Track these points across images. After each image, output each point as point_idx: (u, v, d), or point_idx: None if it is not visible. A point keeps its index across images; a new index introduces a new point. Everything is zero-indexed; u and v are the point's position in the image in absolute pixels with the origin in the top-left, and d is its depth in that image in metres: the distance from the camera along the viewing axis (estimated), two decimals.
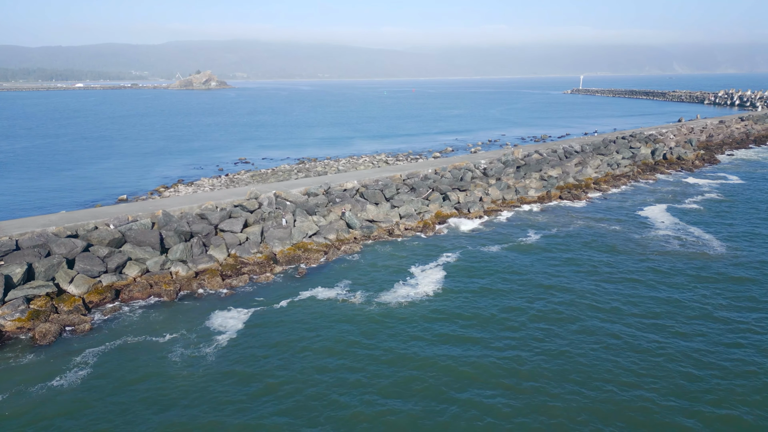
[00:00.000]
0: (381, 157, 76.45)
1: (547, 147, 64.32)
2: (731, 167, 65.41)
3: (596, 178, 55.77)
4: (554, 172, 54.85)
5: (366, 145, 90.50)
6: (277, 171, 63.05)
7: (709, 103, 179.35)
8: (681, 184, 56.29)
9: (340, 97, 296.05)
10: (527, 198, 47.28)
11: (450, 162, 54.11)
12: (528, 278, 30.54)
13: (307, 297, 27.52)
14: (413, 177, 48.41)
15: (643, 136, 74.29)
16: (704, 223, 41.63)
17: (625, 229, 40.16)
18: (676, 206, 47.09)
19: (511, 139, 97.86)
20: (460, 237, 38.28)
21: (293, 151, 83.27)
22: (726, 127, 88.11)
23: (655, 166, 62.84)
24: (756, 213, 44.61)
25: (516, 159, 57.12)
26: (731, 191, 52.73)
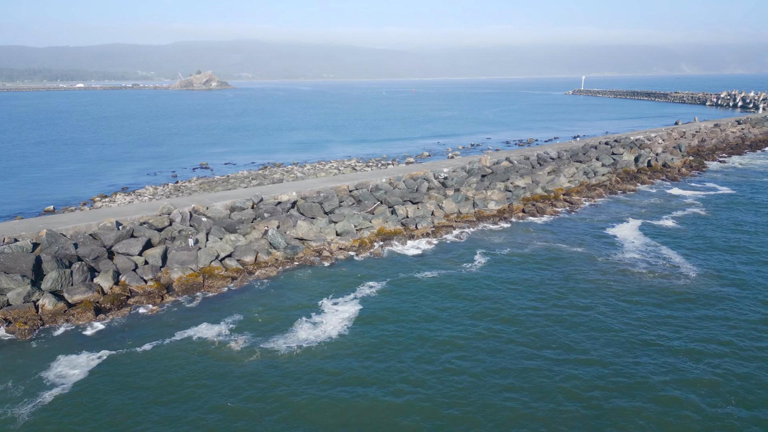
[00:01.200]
0: (351, 162, 72.29)
1: (520, 153, 59.94)
2: (721, 176, 60.73)
3: (568, 188, 51.30)
4: (522, 182, 50.46)
5: (341, 149, 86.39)
6: (231, 178, 58.96)
7: (711, 104, 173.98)
8: (662, 196, 51.72)
9: (337, 98, 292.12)
10: (485, 212, 42.91)
11: (408, 171, 49.82)
12: (453, 317, 26.21)
13: (182, 339, 23.33)
14: (362, 187, 44.17)
15: (628, 141, 69.70)
16: (679, 245, 37.06)
17: (587, 251, 35.72)
18: (652, 223, 42.55)
19: (496, 142, 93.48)
20: (395, 260, 33.98)
21: (263, 156, 79.21)
22: (721, 131, 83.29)
23: (636, 175, 58.28)
24: (740, 233, 39.93)
25: (482, 167, 52.77)
26: (717, 205, 48.10)
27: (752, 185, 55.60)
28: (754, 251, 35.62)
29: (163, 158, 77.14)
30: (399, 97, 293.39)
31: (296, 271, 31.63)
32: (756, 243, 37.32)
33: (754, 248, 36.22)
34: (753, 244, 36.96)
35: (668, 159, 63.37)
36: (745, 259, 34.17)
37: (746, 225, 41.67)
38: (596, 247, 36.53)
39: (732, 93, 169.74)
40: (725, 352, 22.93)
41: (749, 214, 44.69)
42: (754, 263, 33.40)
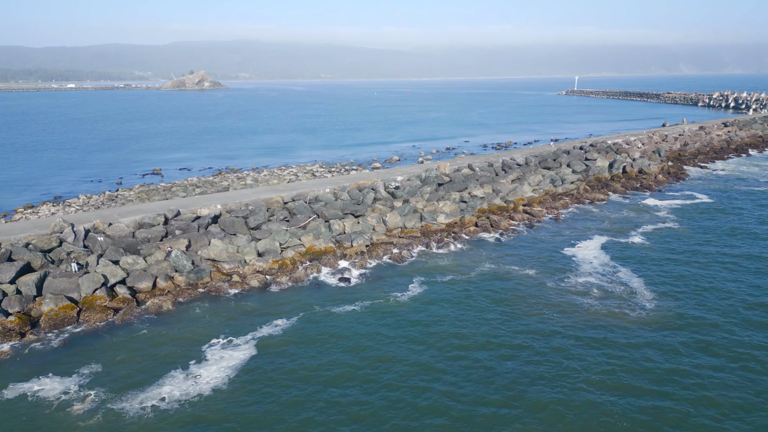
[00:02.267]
0: (314, 167, 68.51)
1: (484, 160, 56.16)
2: (700, 183, 56.96)
3: (530, 198, 47.53)
4: (481, 192, 46.70)
5: (309, 153, 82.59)
6: (175, 186, 55.13)
7: (703, 105, 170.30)
8: (634, 206, 47.94)
9: (327, 98, 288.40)
10: (433, 226, 39.13)
11: (356, 179, 46.03)
12: (364, 376, 22.47)
13: (14, 397, 19.50)
14: (300, 199, 40.41)
15: (605, 145, 65.95)
16: (642, 268, 33.25)
17: (538, 276, 31.95)
18: (617, 239, 38.75)
19: (473, 146, 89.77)
20: (316, 287, 30.17)
21: (226, 160, 75.44)
22: (705, 134, 79.53)
23: (609, 182, 54.54)
24: (711, 255, 36.13)
25: (440, 175, 49.00)
26: (691, 218, 44.28)
27: (731, 194, 51.81)
28: (723, 279, 31.86)
29: (118, 164, 73.33)
30: (390, 98, 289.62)
31: (195, 302, 27.86)
32: (727, 267, 33.56)
33: (723, 275, 32.46)
34: (723, 269, 33.20)
35: (645, 165, 59.62)
36: (707, 285, 30.38)
37: (719, 243, 37.89)
38: (549, 270, 32.72)
39: (724, 94, 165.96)
40: (646, 406, 19.20)
41: (724, 230, 40.91)
42: (718, 294, 29.63)
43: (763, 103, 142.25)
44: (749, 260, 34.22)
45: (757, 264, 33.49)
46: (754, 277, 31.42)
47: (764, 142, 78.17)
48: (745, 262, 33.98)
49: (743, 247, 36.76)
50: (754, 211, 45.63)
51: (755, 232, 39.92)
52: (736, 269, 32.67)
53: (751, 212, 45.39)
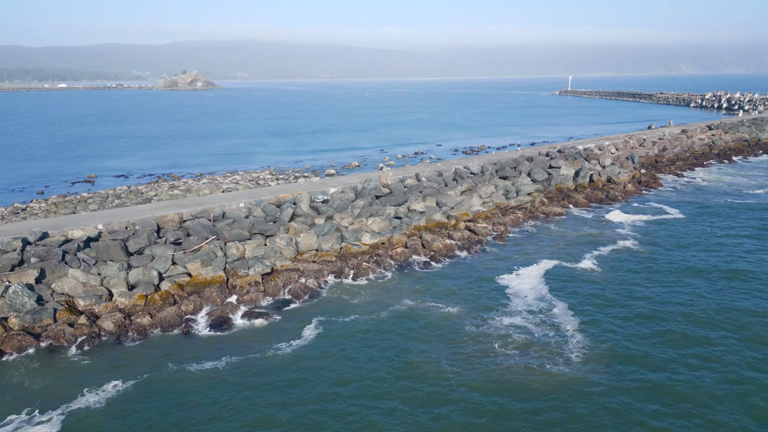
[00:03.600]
0: (264, 173, 63.66)
1: (435, 168, 51.17)
2: (674, 194, 51.92)
3: (477, 213, 42.54)
4: (421, 205, 41.74)
5: (267, 158, 77.70)
6: (96, 197, 50.07)
7: (695, 105, 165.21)
8: (595, 222, 42.96)
9: (315, 99, 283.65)
10: (353, 248, 34.16)
11: (280, 191, 41.02)
12: None
13: None
14: (203, 216, 35.46)
15: (573, 151, 60.96)
16: (585, 303, 28.26)
17: (459, 315, 26.96)
18: (565, 265, 33.71)
19: (444, 150, 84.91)
20: (183, 334, 25.10)
21: (170, 167, 70.51)
22: (687, 138, 74.51)
23: (571, 193, 49.53)
24: (671, 285, 31.11)
25: (378, 186, 44.04)
26: (656, 238, 39.22)
27: (706, 209, 46.75)
28: (675, 319, 26.87)
29: (54, 170, 68.42)
30: (380, 98, 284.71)
31: (22, 352, 22.95)
32: (685, 305, 28.57)
33: (675, 315, 27.47)
34: (678, 306, 28.21)
35: (614, 173, 54.63)
36: (659, 329, 25.37)
37: (682, 271, 32.86)
38: (473, 307, 27.71)
39: (717, 94, 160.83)
40: None
41: (691, 253, 35.91)
42: (666, 340, 24.67)
43: (756, 103, 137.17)
44: (713, 295, 29.28)
45: (720, 300, 28.53)
46: (713, 326, 26.44)
47: (750, 147, 73.14)
48: (707, 298, 29.02)
49: (710, 278, 31.75)
50: (730, 230, 40.63)
51: (727, 258, 34.92)
52: (694, 308, 27.70)
53: (726, 231, 40.39)
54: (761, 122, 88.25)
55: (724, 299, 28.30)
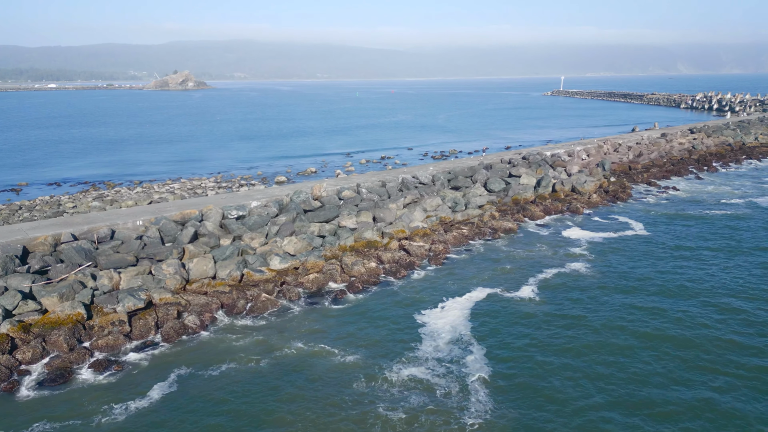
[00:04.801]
0: (206, 182, 59.17)
1: (380, 178, 46.65)
2: (642, 206, 47.41)
3: (415, 230, 38.07)
4: (352, 221, 37.28)
5: (221, 164, 73.20)
6: (5, 209, 45.60)
7: (685, 107, 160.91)
8: (548, 241, 38.46)
9: (303, 99, 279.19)
10: (256, 276, 29.66)
11: (190, 206, 36.51)
12: None
13: None
14: (86, 236, 30.95)
15: (539, 157, 56.50)
16: (508, 347, 23.81)
17: (360, 364, 22.55)
18: (500, 295, 29.16)
19: (413, 155, 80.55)
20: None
21: (118, 174, 65.99)
22: (666, 143, 70.08)
23: (527, 206, 45.04)
24: (616, 324, 26.69)
25: (308, 199, 39.53)
26: (613, 258, 34.78)
27: (674, 224, 42.19)
28: (613, 375, 22.41)
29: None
30: (370, 98, 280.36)
31: None
32: (628, 353, 24.09)
33: (613, 366, 23.01)
34: (619, 356, 23.73)
35: (580, 182, 50.19)
36: (588, 388, 20.88)
37: (632, 305, 28.40)
38: (376, 353, 23.21)
39: (708, 95, 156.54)
40: None
41: (649, 279, 31.42)
42: (609, 407, 20.20)
43: (747, 105, 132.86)
44: (659, 335, 24.81)
45: (668, 342, 24.06)
46: (657, 384, 21.96)
47: (733, 152, 68.72)
48: (653, 340, 24.54)
49: (661, 311, 27.29)
50: (697, 250, 36.10)
51: (686, 286, 30.45)
52: (634, 356, 23.23)
53: (693, 252, 35.86)
54: (747, 125, 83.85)
55: (674, 340, 23.86)
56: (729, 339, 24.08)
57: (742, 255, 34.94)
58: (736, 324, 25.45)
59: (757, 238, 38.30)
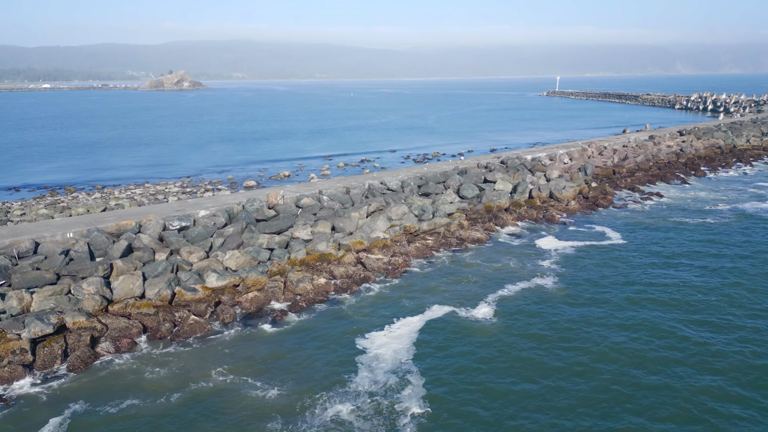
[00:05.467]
0: (172, 187, 56.69)
1: (345, 184, 44.13)
2: (622, 214, 44.87)
3: (376, 240, 35.58)
4: (306, 232, 34.79)
5: (192, 167, 70.76)
6: None
7: (680, 107, 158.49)
8: (518, 252, 35.94)
9: (297, 99, 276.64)
10: (188, 295, 27.10)
11: (129, 216, 33.96)
12: None
13: None
14: (7, 251, 28.42)
15: (517, 162, 54.00)
16: (453, 379, 21.36)
17: (277, 400, 20.06)
18: (457, 314, 26.71)
19: (395, 158, 78.13)
20: None
21: (84, 178, 63.49)
22: (654, 145, 67.57)
23: (500, 214, 42.55)
24: (576, 344, 24.28)
25: (262, 208, 37.03)
26: (583, 271, 32.30)
27: (655, 233, 39.68)
28: (572, 414, 19.90)
29: None
30: (365, 99, 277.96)
31: None
32: (586, 385, 21.59)
33: (573, 411, 20.49)
34: (582, 384, 21.23)
35: (559, 188, 47.70)
36: (540, 420, 18.42)
37: (597, 328, 25.91)
38: (304, 387, 20.67)
39: (703, 95, 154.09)
40: None
41: (617, 298, 28.87)
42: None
43: (742, 105, 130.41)
44: (625, 363, 22.33)
45: (637, 370, 21.55)
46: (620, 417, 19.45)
47: (723, 156, 66.20)
48: (617, 368, 22.06)
49: (630, 332, 24.81)
50: (673, 262, 33.59)
51: (657, 304, 27.94)
52: (595, 383, 20.75)
53: (669, 264, 33.35)
54: (740, 126, 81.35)
55: (637, 358, 21.36)
56: (699, 360, 21.62)
57: (722, 266, 32.53)
58: (708, 342, 23.00)
59: (738, 248, 35.86)
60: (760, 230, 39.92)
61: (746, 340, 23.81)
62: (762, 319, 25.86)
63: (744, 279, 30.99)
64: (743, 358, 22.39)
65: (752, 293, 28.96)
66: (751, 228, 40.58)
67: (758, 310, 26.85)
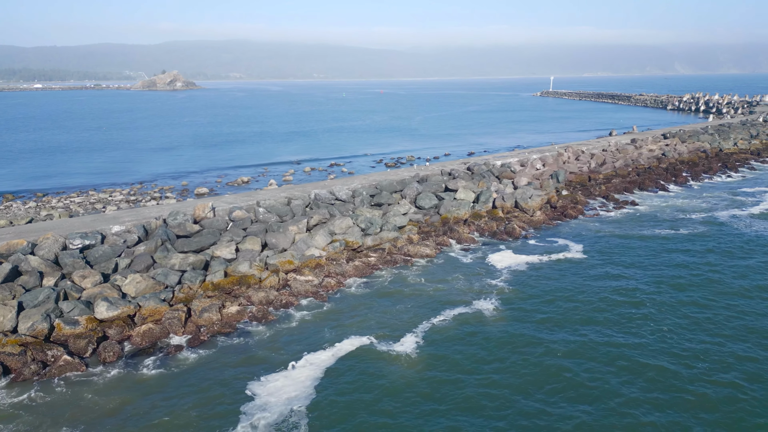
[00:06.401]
0: (119, 195, 53.15)
1: (293, 192, 40.54)
2: (590, 225, 41.31)
3: (309, 259, 32.04)
4: (229, 250, 31.24)
5: (155, 171, 67.28)
6: None
7: (672, 108, 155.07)
8: (467, 270, 32.42)
9: (287, 100, 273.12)
10: (66, 329, 23.52)
11: (24, 234, 30.40)
12: None
13: None
14: None
15: (484, 168, 50.48)
16: (357, 426, 18.03)
17: None
18: (375, 347, 23.45)
19: (367, 162, 74.78)
20: None
21: (28, 185, 59.99)
22: (635, 149, 64.07)
23: (455, 226, 39.02)
24: (507, 377, 20.83)
25: (183, 223, 33.49)
26: (531, 293, 28.86)
27: (619, 246, 36.06)
28: None
29: None
30: (356, 99, 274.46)
31: None
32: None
33: None
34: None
35: (525, 197, 44.17)
36: None
37: (536, 360, 22.38)
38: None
39: (695, 96, 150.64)
40: None
41: (563, 322, 25.41)
42: None
43: (735, 106, 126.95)
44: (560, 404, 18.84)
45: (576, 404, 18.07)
46: None
47: (707, 160, 62.67)
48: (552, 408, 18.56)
49: (571, 364, 21.33)
50: (632, 279, 30.02)
51: (605, 328, 24.43)
52: None
53: (628, 281, 29.79)
54: (728, 129, 77.79)
55: (576, 394, 17.87)
56: (640, 386, 18.10)
57: (679, 282, 29.24)
58: (649, 365, 19.49)
59: (705, 264, 32.45)
60: (728, 242, 36.59)
61: (687, 364, 20.33)
62: (711, 340, 22.37)
63: (697, 295, 27.86)
64: (682, 382, 18.90)
65: (703, 310, 25.54)
66: (719, 239, 37.25)
67: (709, 330, 23.35)
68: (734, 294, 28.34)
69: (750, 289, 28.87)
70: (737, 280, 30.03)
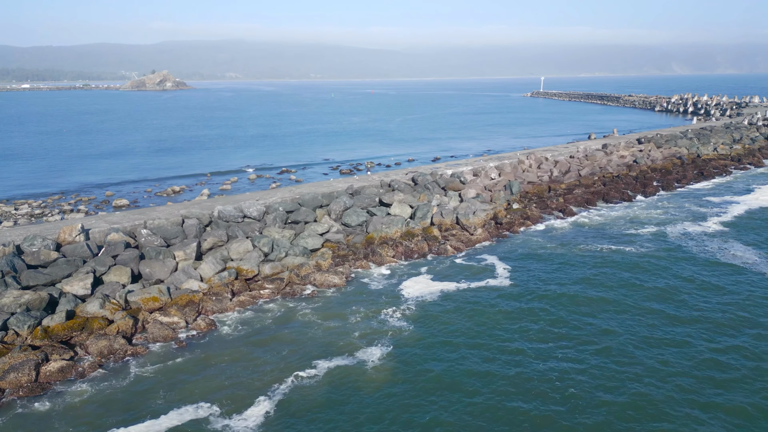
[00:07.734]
0: (14, 208, 47.97)
1: (190, 210, 35.41)
2: (530, 246, 35.72)
3: (182, 295, 26.91)
4: (86, 285, 26.11)
5: (86, 180, 62.07)
6: None
7: (660, 109, 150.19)
8: (369, 302, 27.30)
9: (273, 101, 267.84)
10: None
11: None
12: None
13: None
14: None
15: (429, 179, 45.33)
16: None
17: None
18: (224, 408, 18.50)
19: (323, 168, 69.69)
20: None
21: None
22: (605, 155, 59.01)
23: (379, 248, 33.85)
24: None
25: (44, 248, 28.33)
26: (429, 332, 24.00)
27: (551, 271, 30.87)
28: None
29: None
30: (345, 100, 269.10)
31: None
32: None
33: None
34: None
35: (469, 212, 39.05)
36: None
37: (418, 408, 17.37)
38: None
39: (684, 97, 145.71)
40: None
41: (470, 354, 20.30)
42: None
43: (723, 108, 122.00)
44: None
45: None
46: None
47: (681, 167, 57.54)
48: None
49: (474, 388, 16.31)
50: (561, 314, 24.88)
51: (505, 362, 19.41)
52: None
53: (548, 315, 24.65)
54: (709, 133, 72.73)
55: None
56: None
57: (607, 308, 24.30)
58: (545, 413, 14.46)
59: (650, 290, 27.67)
60: (675, 262, 32.01)
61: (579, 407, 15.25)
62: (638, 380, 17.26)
63: (622, 327, 23.10)
64: None
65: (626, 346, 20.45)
66: (666, 258, 32.60)
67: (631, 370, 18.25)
68: (665, 319, 23.31)
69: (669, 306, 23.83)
70: (661, 304, 25.02)
